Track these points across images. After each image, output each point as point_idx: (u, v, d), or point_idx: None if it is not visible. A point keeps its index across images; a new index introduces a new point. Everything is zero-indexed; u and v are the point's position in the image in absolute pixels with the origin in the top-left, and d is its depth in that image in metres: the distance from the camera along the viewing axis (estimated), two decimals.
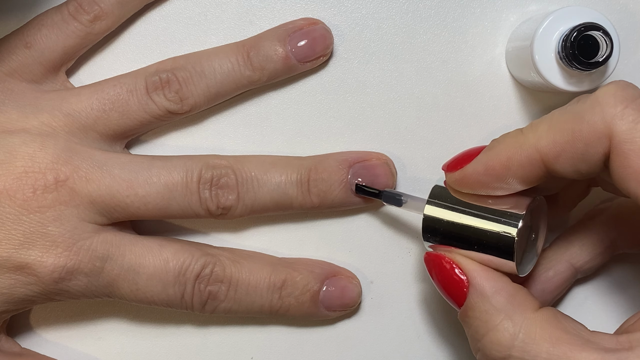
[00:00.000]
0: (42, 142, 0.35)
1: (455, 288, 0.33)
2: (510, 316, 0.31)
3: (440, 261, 0.33)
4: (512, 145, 0.32)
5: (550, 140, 0.30)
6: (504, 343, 0.30)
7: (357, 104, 0.39)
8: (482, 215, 0.33)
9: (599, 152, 0.30)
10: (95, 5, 0.37)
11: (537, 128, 0.31)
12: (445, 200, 0.34)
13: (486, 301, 0.31)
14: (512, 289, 0.32)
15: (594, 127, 0.30)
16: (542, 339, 0.30)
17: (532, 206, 0.33)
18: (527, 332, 0.30)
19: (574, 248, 0.38)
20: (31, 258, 0.34)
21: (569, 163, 0.30)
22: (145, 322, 0.40)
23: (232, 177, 0.37)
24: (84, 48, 0.38)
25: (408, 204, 0.36)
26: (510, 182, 0.32)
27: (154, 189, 0.36)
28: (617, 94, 0.30)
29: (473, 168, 0.33)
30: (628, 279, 0.41)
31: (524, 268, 0.34)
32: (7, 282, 0.35)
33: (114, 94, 0.37)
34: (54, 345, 0.40)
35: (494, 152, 0.32)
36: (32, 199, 0.34)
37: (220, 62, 0.37)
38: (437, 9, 0.39)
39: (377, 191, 0.37)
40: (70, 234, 0.35)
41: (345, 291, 0.39)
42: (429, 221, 0.34)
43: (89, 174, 0.35)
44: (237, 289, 0.37)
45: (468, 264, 0.33)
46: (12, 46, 0.36)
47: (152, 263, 0.36)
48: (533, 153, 0.31)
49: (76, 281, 0.35)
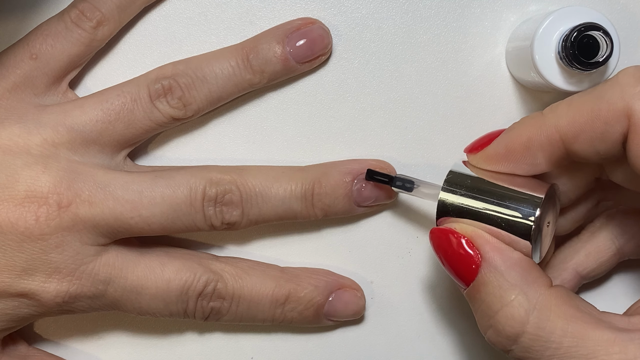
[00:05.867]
0: (44, 164, 0.35)
1: (464, 264, 0.32)
2: (524, 292, 0.30)
3: (448, 235, 0.32)
4: (532, 125, 0.32)
5: (569, 119, 0.31)
6: (518, 319, 0.30)
7: (357, 104, 0.39)
8: (500, 200, 0.32)
9: (617, 132, 0.30)
10: (96, 11, 0.36)
11: (556, 109, 0.31)
12: (460, 185, 0.33)
13: (500, 276, 0.31)
14: (525, 264, 0.31)
15: (614, 106, 0.30)
16: (556, 316, 0.30)
17: (550, 192, 0.33)
18: (542, 308, 0.30)
19: (579, 256, 0.38)
20: (33, 285, 0.34)
21: (588, 143, 0.30)
22: (147, 325, 0.40)
23: (237, 194, 0.36)
24: (88, 56, 0.37)
25: (419, 190, 0.36)
26: (531, 163, 0.32)
27: (158, 209, 0.35)
28: (637, 75, 0.30)
29: (494, 149, 0.33)
30: (632, 284, 0.41)
31: (538, 254, 0.33)
32: (11, 304, 0.35)
33: (119, 104, 0.36)
34: (55, 350, 0.40)
35: (514, 132, 0.32)
36: (34, 226, 0.34)
37: (221, 66, 0.37)
38: (437, 9, 0.39)
39: (388, 177, 0.37)
40: (72, 259, 0.35)
41: (349, 305, 0.39)
42: (444, 206, 0.33)
43: (92, 197, 0.35)
44: (239, 304, 0.37)
45: (480, 237, 0.32)
46: (18, 59, 0.36)
47: (154, 284, 0.36)
48: (553, 133, 0.31)
49: (80, 303, 0.36)
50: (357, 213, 0.39)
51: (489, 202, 0.33)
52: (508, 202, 0.32)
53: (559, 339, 0.29)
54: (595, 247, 0.37)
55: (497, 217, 0.32)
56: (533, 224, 0.32)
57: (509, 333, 0.30)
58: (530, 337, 0.30)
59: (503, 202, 0.32)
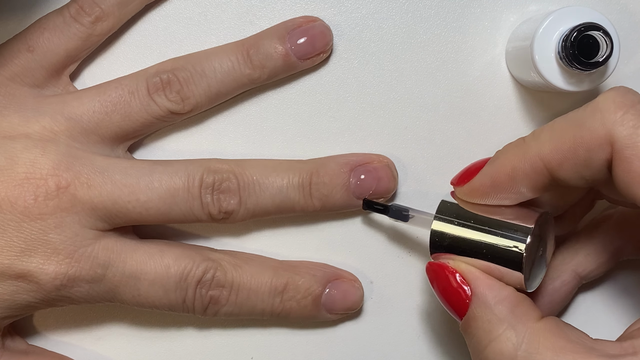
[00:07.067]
0: (43, 147, 0.35)
1: (457, 299, 0.32)
2: (513, 326, 0.30)
3: (443, 271, 0.33)
4: (516, 154, 0.32)
5: (552, 147, 0.30)
6: (506, 353, 0.30)
7: (357, 104, 0.39)
8: (491, 229, 0.33)
9: (601, 158, 0.30)
10: (96, 6, 0.36)
11: (539, 136, 0.31)
12: (452, 215, 0.34)
13: (489, 311, 0.31)
14: (515, 299, 0.31)
15: (595, 133, 0.29)
16: (545, 349, 0.30)
17: (540, 221, 0.33)
18: (530, 342, 0.30)
19: (579, 257, 0.38)
20: (32, 266, 0.34)
21: (572, 170, 0.30)
22: (145, 322, 0.40)
23: (234, 182, 0.36)
24: (87, 50, 0.38)
25: (415, 219, 0.36)
26: (518, 192, 0.32)
27: (156, 194, 0.36)
28: (617, 100, 0.30)
29: (480, 181, 0.33)
30: (632, 284, 0.41)
31: (532, 283, 0.33)
32: (9, 289, 0.35)
33: (116, 95, 0.36)
34: (54, 346, 0.40)
35: (498, 163, 0.32)
36: (33, 206, 0.34)
37: (221, 61, 0.37)
38: (437, 9, 0.39)
39: (383, 207, 0.37)
40: (71, 241, 0.35)
41: (348, 294, 0.39)
42: (436, 236, 0.34)
43: (91, 180, 0.35)
44: (238, 293, 0.37)
45: (471, 272, 0.32)
46: (15, 50, 0.36)
47: (153, 269, 0.36)
48: (537, 161, 0.31)
49: (78, 288, 0.35)
50: (357, 207, 0.39)
51: (480, 231, 0.33)
52: (499, 232, 0.32)
53: None
54: (594, 248, 0.37)
55: (488, 247, 0.33)
56: (524, 252, 0.32)
57: None
58: None
59: (494, 232, 0.33)
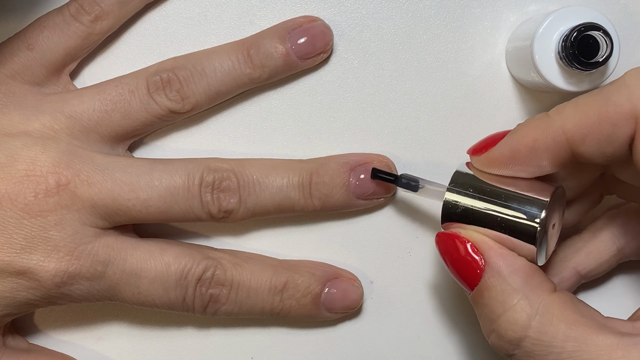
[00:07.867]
0: (43, 145, 0.35)
1: (468, 268, 0.32)
2: (527, 296, 0.30)
3: (454, 240, 0.33)
4: (538, 127, 0.32)
5: (576, 121, 0.30)
6: (520, 323, 0.30)
7: (357, 104, 0.39)
8: (506, 201, 0.32)
9: (625, 134, 0.30)
10: (96, 5, 0.36)
11: (562, 110, 0.31)
12: (466, 185, 0.33)
13: (503, 280, 0.31)
14: (529, 270, 0.31)
15: (621, 108, 0.30)
16: (558, 321, 0.30)
17: (555, 195, 0.33)
18: (544, 313, 0.30)
19: (580, 255, 0.38)
20: (33, 263, 0.34)
21: (595, 145, 0.30)
22: (145, 322, 0.40)
23: (234, 180, 0.36)
24: (86, 49, 0.38)
25: (425, 190, 0.36)
26: (536, 164, 0.32)
27: (156, 192, 0.36)
28: None
29: (499, 151, 0.33)
30: (632, 284, 0.41)
31: (542, 257, 0.33)
32: (9, 286, 0.35)
33: (116, 94, 0.36)
34: (55, 345, 0.40)
35: (519, 134, 0.32)
36: (33, 203, 0.34)
37: (221, 60, 0.37)
38: (437, 9, 0.39)
39: (393, 177, 0.37)
40: (71, 238, 0.35)
41: (347, 293, 0.39)
42: (449, 205, 0.33)
43: (91, 177, 0.35)
44: (238, 291, 0.37)
45: (484, 242, 0.32)
46: (15, 48, 0.36)
47: (153, 267, 0.36)
48: (559, 135, 0.31)
49: (78, 285, 0.35)
50: (357, 207, 0.39)
51: (495, 203, 0.32)
52: (514, 204, 0.32)
53: (561, 344, 0.29)
54: (596, 247, 0.37)
55: (502, 220, 0.32)
56: (539, 226, 0.32)
57: (511, 337, 0.30)
58: (533, 341, 0.30)
59: (509, 204, 0.32)
